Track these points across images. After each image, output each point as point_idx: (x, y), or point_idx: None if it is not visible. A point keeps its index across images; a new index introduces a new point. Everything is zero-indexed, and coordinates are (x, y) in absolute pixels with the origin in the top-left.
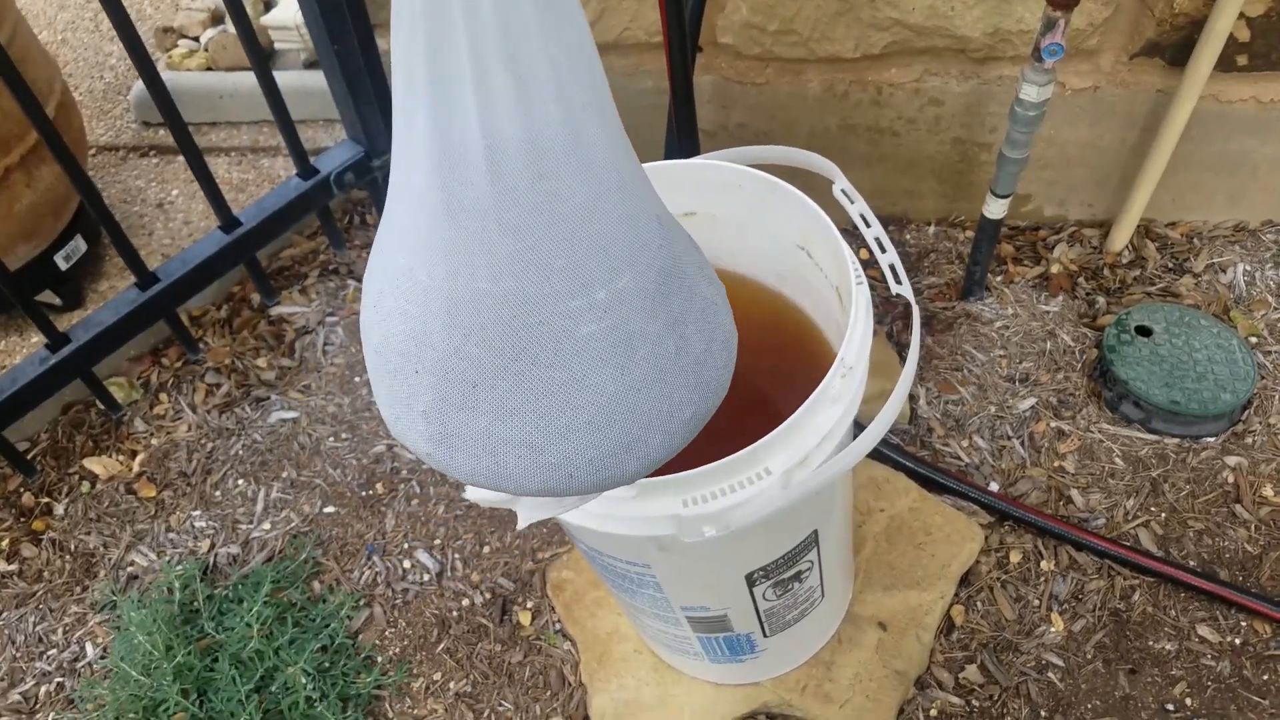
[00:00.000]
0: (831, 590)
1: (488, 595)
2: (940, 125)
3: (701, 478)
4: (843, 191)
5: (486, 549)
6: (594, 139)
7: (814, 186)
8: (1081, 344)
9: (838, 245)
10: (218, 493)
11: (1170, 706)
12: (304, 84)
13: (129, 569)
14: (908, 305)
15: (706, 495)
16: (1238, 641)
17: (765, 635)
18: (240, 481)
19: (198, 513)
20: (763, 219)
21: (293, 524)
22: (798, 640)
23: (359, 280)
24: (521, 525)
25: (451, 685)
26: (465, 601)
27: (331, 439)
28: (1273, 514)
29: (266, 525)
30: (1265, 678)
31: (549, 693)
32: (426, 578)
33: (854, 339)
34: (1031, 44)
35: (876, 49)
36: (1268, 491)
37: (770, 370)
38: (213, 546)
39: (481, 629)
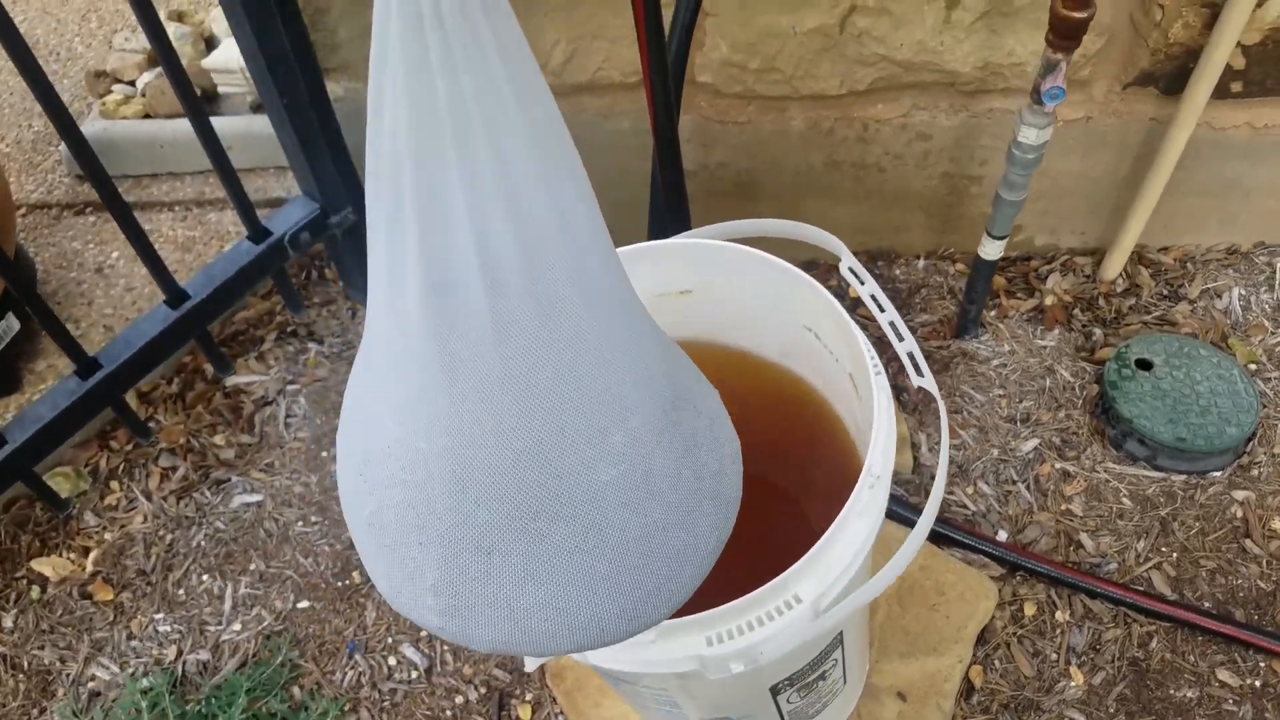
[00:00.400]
0: (853, 675)
1: (483, 690)
2: (929, 159)
3: (726, 615)
4: (851, 270)
5: None
6: (595, 281)
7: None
8: (1081, 379)
9: (852, 334)
10: (181, 591)
11: None
12: (251, 129)
13: (90, 685)
14: (910, 356)
15: (732, 631)
16: (1258, 684)
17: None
18: (205, 577)
19: (161, 615)
20: (766, 299)
21: (265, 623)
22: None
23: (319, 342)
24: (530, 668)
25: None
26: (459, 699)
27: (300, 523)
28: None
29: (237, 626)
30: None
31: None
32: (415, 675)
33: (879, 445)
34: (1023, 75)
35: (862, 85)
36: (1277, 525)
37: (780, 450)
38: (180, 654)
39: None
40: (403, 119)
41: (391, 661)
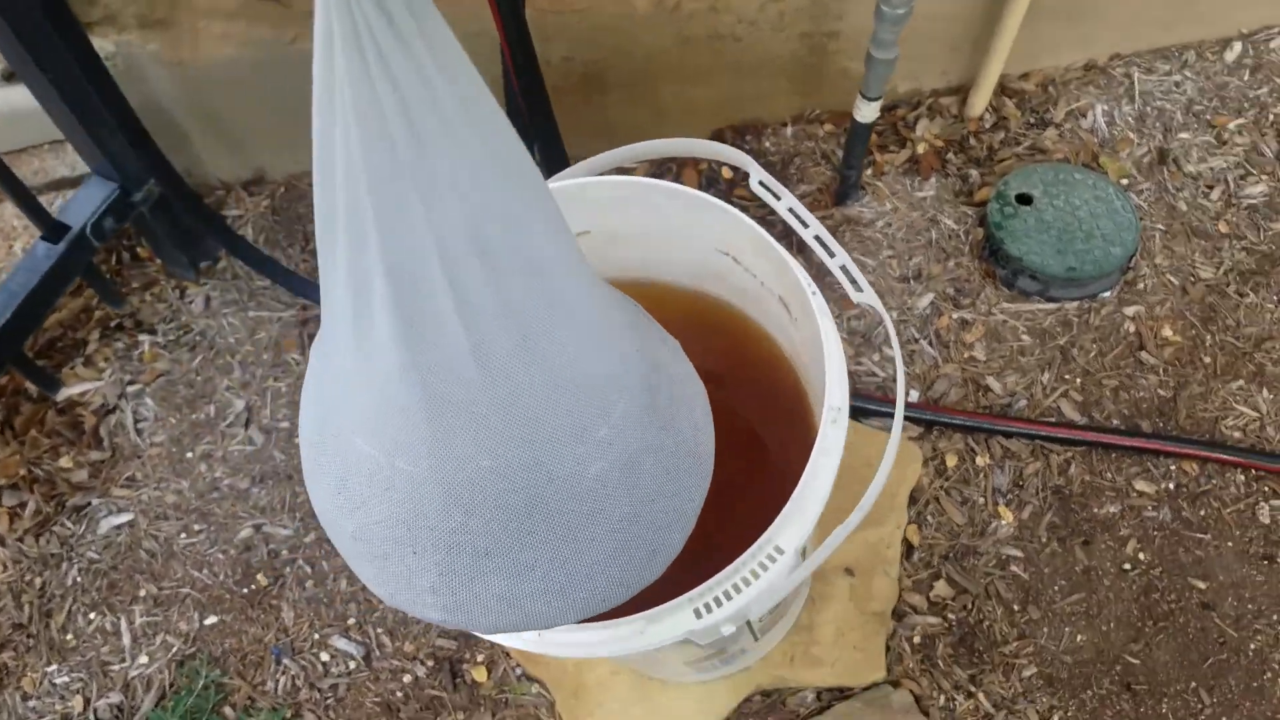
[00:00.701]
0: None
1: (430, 663)
2: (784, 21)
3: (711, 586)
4: (762, 184)
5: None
6: (564, 286)
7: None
8: (965, 224)
9: (779, 257)
10: (69, 636)
11: (1127, 566)
12: (10, 105)
13: None
14: (844, 270)
15: (719, 598)
16: (1172, 487)
17: (755, 640)
18: (92, 615)
19: (54, 667)
20: (672, 229)
21: (174, 649)
22: (782, 625)
23: (151, 333)
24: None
25: None
26: (407, 678)
27: (183, 535)
28: (1175, 353)
29: (143, 659)
30: (1202, 514)
31: None
32: (353, 665)
33: (834, 378)
34: None
35: None
36: (1167, 332)
37: (717, 377)
38: (88, 703)
39: (436, 701)
40: (357, 157)
41: (325, 657)
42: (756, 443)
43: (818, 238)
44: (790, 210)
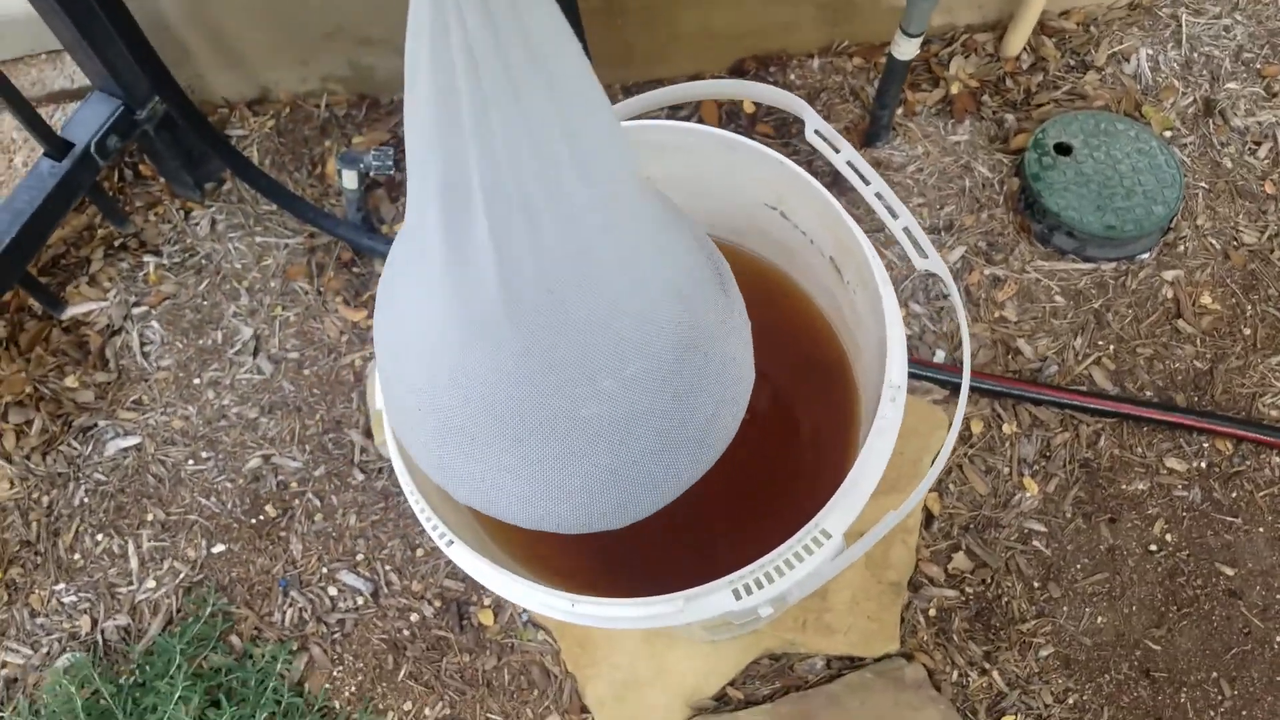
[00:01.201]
0: None
1: (437, 603)
2: None
3: (753, 569)
4: (818, 134)
5: (420, 552)
6: (606, 247)
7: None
8: (999, 173)
9: (837, 217)
10: (77, 556)
11: (1153, 547)
12: (5, 11)
13: (3, 673)
14: (907, 232)
15: (760, 580)
16: (1204, 465)
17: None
18: (99, 536)
19: (61, 586)
20: (717, 178)
21: (181, 575)
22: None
23: (156, 254)
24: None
25: (427, 712)
26: (414, 616)
27: (191, 461)
28: (1214, 323)
29: (150, 583)
30: (1234, 495)
31: (535, 691)
32: (361, 601)
33: (894, 353)
34: None
35: None
36: (1206, 300)
37: (754, 335)
38: (95, 623)
39: (442, 642)
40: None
41: (332, 591)
42: (789, 413)
43: (879, 195)
44: (849, 164)
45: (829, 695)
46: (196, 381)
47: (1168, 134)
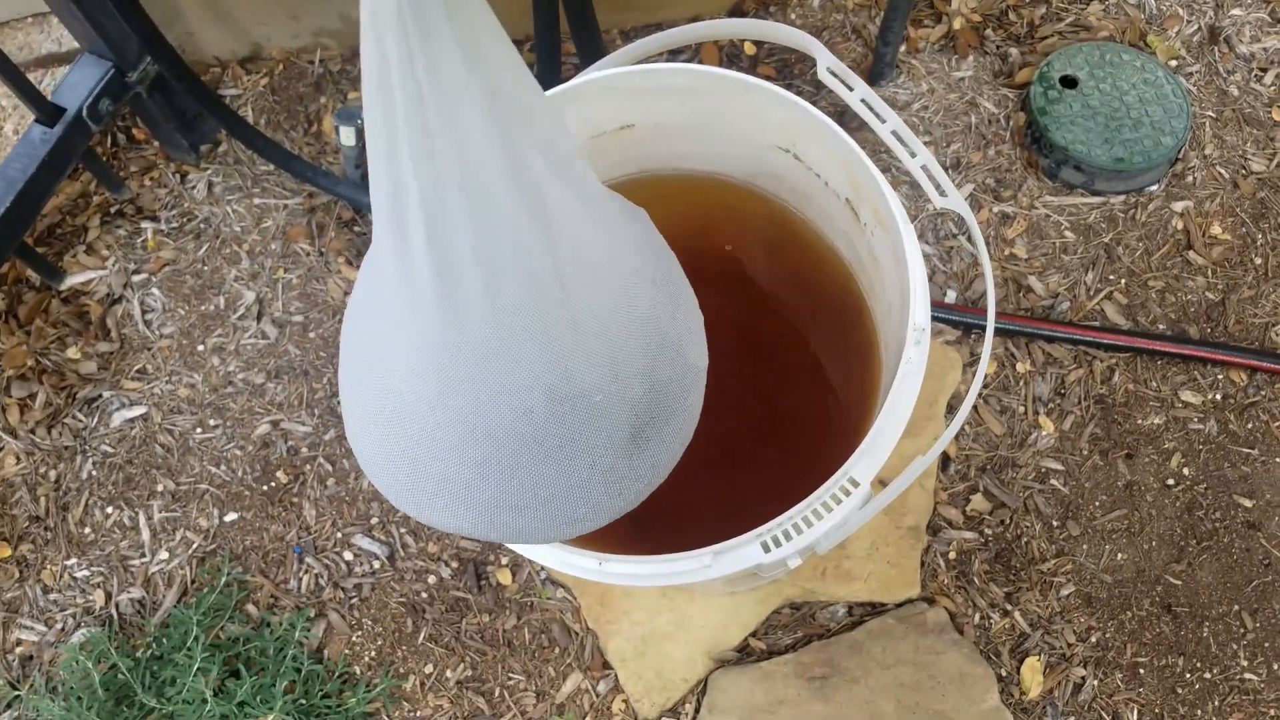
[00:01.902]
0: None
1: (454, 565)
2: None
3: (781, 521)
4: (831, 72)
5: None
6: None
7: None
8: (1005, 108)
9: (855, 158)
10: (87, 530)
11: (1171, 481)
12: None
13: (18, 650)
14: (925, 170)
15: (789, 531)
16: (1219, 397)
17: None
18: (109, 509)
19: (73, 561)
20: (726, 121)
21: (194, 545)
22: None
23: (154, 219)
24: None
25: (449, 674)
26: (431, 579)
27: (199, 430)
28: (1225, 253)
29: (163, 554)
30: (1250, 426)
31: (557, 649)
32: (377, 564)
33: (917, 294)
34: None
35: None
36: (1216, 230)
37: (764, 283)
38: (109, 597)
39: (461, 603)
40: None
41: (348, 556)
42: (808, 358)
43: (895, 133)
44: (864, 102)
45: (851, 643)
46: (200, 348)
47: (1173, 63)
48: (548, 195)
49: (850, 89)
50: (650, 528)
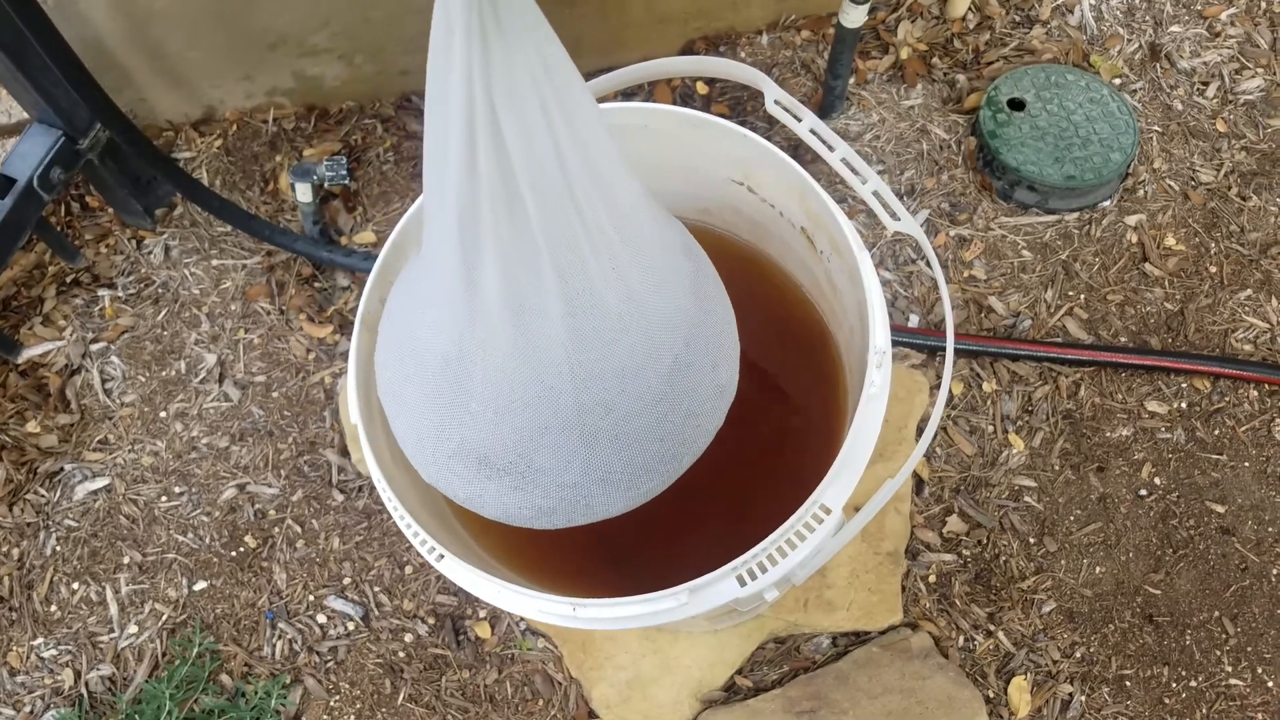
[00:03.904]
0: None
1: (431, 621)
2: None
3: (755, 553)
4: (779, 104)
5: (408, 569)
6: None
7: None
8: (956, 134)
9: (807, 186)
10: (53, 608)
11: (1143, 491)
12: None
13: None
14: (877, 196)
15: (764, 563)
16: (1184, 406)
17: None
18: (75, 585)
19: (40, 640)
20: (680, 157)
21: (164, 617)
22: None
23: (110, 287)
24: None
25: None
26: (408, 637)
27: (164, 498)
28: (1180, 263)
29: (132, 629)
30: (1216, 433)
31: (540, 701)
32: (351, 625)
33: (876, 318)
34: None
35: None
36: (1170, 241)
37: (738, 319)
38: (79, 676)
39: (440, 660)
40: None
41: (321, 619)
42: (774, 388)
43: (845, 161)
44: (813, 132)
45: (838, 673)
46: (163, 414)
47: (1117, 81)
48: (594, 217)
49: (799, 119)
50: (626, 567)
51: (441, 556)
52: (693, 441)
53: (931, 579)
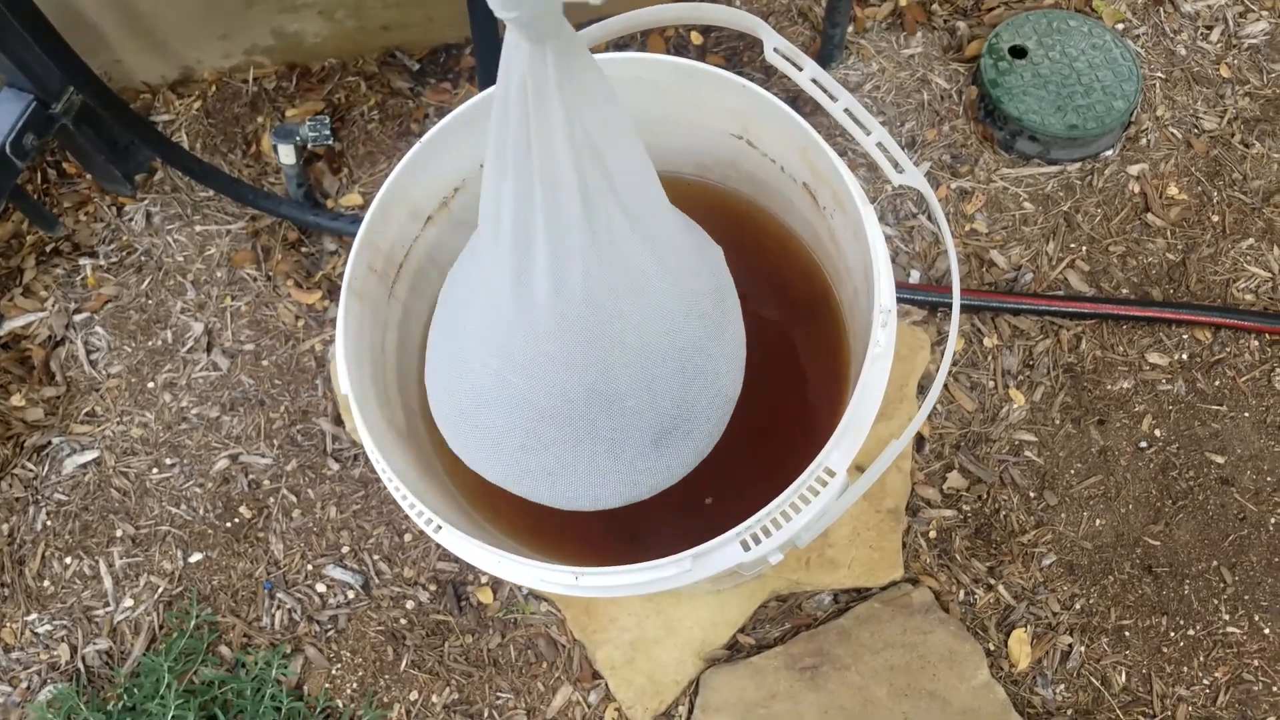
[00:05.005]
0: None
1: (433, 587)
2: None
3: (759, 517)
4: (778, 52)
5: (408, 537)
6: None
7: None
8: (956, 83)
9: (811, 140)
10: (46, 583)
11: (1144, 444)
12: None
13: None
14: (880, 147)
15: (769, 527)
16: (1185, 357)
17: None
18: (68, 560)
19: (34, 616)
20: (676, 111)
21: (160, 589)
22: None
23: (92, 255)
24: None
25: (435, 699)
26: (409, 604)
27: (155, 470)
28: (1182, 213)
29: (128, 602)
30: (1217, 384)
31: (545, 664)
32: (352, 594)
33: (881, 276)
34: None
35: None
36: (1173, 191)
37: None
38: (75, 651)
39: (442, 626)
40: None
41: (320, 588)
42: (776, 349)
43: (849, 112)
44: (814, 81)
45: (839, 630)
46: (151, 385)
47: (1120, 26)
48: (619, 230)
49: (799, 69)
50: (631, 532)
51: (439, 528)
52: (696, 443)
53: (932, 535)
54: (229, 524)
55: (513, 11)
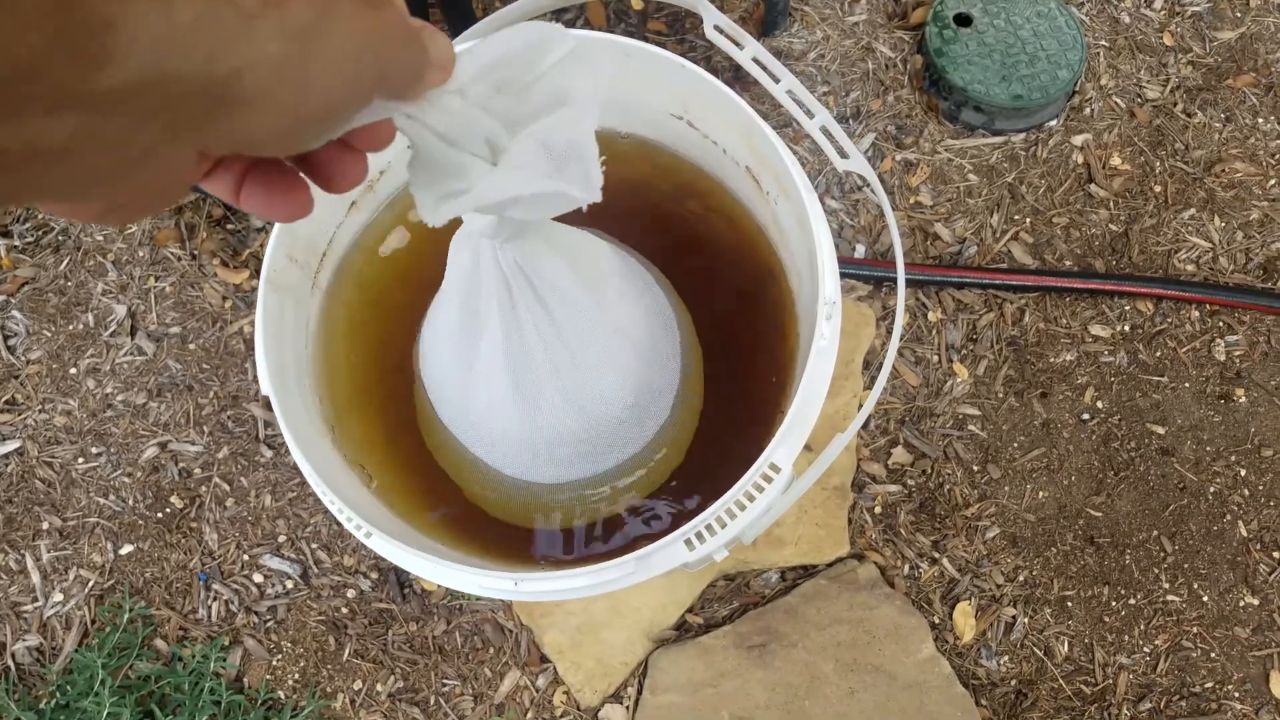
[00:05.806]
0: None
1: (374, 575)
2: None
3: (704, 517)
4: (719, 29)
5: None
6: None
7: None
8: (901, 51)
9: (753, 126)
10: None
11: (1086, 415)
12: None
13: None
14: (825, 131)
15: (713, 525)
16: (1127, 329)
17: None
18: None
19: None
20: (614, 89)
21: (90, 583)
22: None
23: (5, 235)
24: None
25: (380, 688)
26: (350, 593)
27: (81, 459)
28: (1125, 184)
29: (57, 597)
30: (1158, 354)
31: (491, 650)
32: (290, 584)
33: (826, 267)
34: None
35: None
36: (1116, 161)
37: (683, 245)
38: (3, 648)
39: (385, 614)
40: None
41: (258, 579)
42: (724, 334)
43: (791, 93)
44: (756, 60)
45: (786, 607)
46: (73, 371)
47: None
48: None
49: (740, 47)
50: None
51: (369, 535)
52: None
53: (877, 510)
54: (160, 514)
55: (500, 236)
